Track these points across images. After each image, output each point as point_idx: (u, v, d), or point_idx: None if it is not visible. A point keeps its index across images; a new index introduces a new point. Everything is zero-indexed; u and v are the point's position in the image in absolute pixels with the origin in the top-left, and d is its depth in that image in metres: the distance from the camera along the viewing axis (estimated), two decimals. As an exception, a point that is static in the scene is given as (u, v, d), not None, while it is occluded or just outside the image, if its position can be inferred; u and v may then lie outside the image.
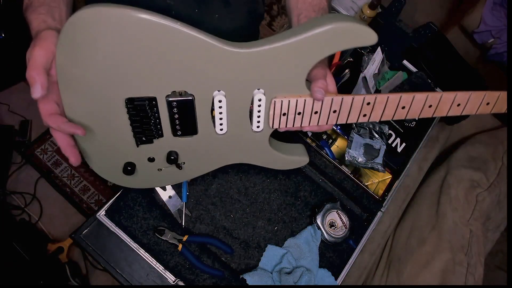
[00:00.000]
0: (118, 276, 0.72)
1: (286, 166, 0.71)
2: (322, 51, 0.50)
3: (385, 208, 0.89)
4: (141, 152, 0.59)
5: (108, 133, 0.55)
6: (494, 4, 1.64)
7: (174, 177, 0.66)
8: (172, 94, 0.52)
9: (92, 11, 0.43)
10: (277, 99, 0.55)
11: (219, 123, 0.57)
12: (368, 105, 0.56)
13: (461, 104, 0.57)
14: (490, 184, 1.12)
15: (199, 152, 0.61)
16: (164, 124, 0.56)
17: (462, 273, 0.96)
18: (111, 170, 0.61)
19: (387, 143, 0.92)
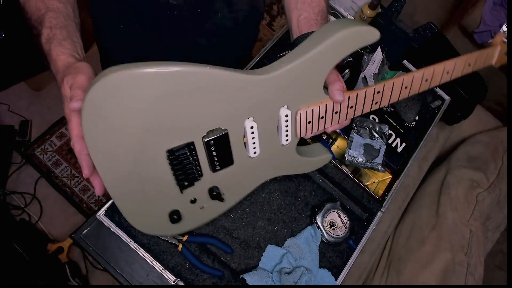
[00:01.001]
0: (118, 276, 0.72)
1: (315, 167, 0.74)
2: (334, 58, 0.54)
3: (385, 208, 0.89)
4: (184, 197, 0.59)
5: (150, 189, 0.54)
6: (494, 4, 1.64)
7: (217, 210, 0.66)
8: (207, 134, 0.53)
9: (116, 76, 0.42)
10: (302, 110, 0.58)
11: (252, 147, 0.59)
12: (378, 93, 0.61)
13: (449, 71, 0.65)
14: (490, 184, 1.12)
15: (237, 180, 0.63)
16: (203, 164, 0.57)
17: (462, 273, 0.96)
18: (157, 224, 0.61)
19: (387, 143, 0.92)
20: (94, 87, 0.42)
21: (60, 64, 0.51)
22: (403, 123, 1.00)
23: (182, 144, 0.52)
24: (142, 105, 0.45)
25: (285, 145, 0.63)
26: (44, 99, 1.84)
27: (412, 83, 0.62)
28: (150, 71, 0.43)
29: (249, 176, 0.64)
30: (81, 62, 0.51)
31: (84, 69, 0.49)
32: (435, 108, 1.05)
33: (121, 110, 0.45)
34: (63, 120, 1.81)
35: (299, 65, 0.53)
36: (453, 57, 0.66)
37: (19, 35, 1.49)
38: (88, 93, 0.43)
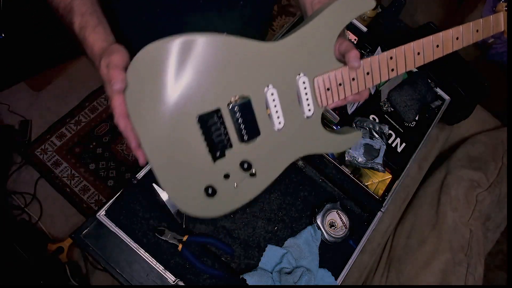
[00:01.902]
0: (118, 276, 0.72)
1: (345, 146, 0.74)
2: (337, 23, 0.59)
3: (385, 208, 0.89)
4: (218, 170, 0.61)
5: (186, 156, 0.58)
6: (494, 4, 1.64)
7: (251, 190, 0.66)
8: (231, 101, 0.58)
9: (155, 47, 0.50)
10: (318, 77, 0.62)
11: (276, 117, 0.62)
12: (391, 59, 0.63)
13: (459, 37, 0.66)
14: (490, 184, 1.12)
15: (267, 154, 0.65)
16: (231, 132, 0.60)
17: (462, 273, 0.96)
18: (194, 199, 0.62)
19: (387, 143, 0.92)
20: (135, 59, 0.50)
21: (97, 50, 0.55)
22: (403, 123, 1.00)
23: (211, 111, 0.56)
24: (172, 73, 0.52)
25: (309, 118, 0.65)
26: (44, 99, 1.84)
27: (424, 49, 0.64)
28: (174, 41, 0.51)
29: (278, 151, 0.65)
30: (114, 44, 0.55)
31: (118, 49, 0.53)
32: (435, 108, 1.05)
33: (157, 79, 0.51)
34: (63, 120, 1.81)
35: (305, 29, 0.58)
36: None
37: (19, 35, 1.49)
38: (130, 65, 0.50)
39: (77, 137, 1.80)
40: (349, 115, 0.95)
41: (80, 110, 1.84)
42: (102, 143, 1.80)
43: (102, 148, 1.79)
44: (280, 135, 0.64)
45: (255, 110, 0.60)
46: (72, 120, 1.82)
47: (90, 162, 1.76)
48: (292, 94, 0.62)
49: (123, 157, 1.79)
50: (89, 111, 1.85)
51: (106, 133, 1.82)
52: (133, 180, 0.78)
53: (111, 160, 1.78)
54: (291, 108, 0.63)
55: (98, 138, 1.81)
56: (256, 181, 0.65)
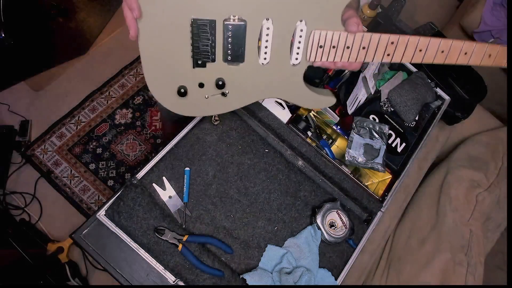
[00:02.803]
0: (118, 276, 0.72)
1: (316, 105, 0.77)
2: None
3: (385, 208, 0.89)
4: (194, 76, 0.66)
5: (171, 50, 0.62)
6: (494, 4, 1.64)
7: (218, 106, 0.71)
8: (229, 19, 0.60)
9: None
10: (316, 31, 0.62)
11: (264, 52, 0.64)
12: (392, 44, 0.63)
13: (467, 52, 0.64)
14: (490, 184, 1.12)
15: (243, 82, 0.68)
16: (218, 48, 0.62)
17: (462, 273, 0.96)
18: (166, 92, 0.68)
19: (387, 143, 0.92)
20: None
21: None
22: (403, 123, 1.00)
23: (207, 19, 0.59)
24: None
25: (294, 66, 0.66)
26: (44, 99, 1.84)
27: (428, 48, 0.63)
28: None
29: (254, 84, 0.68)
30: None
31: None
32: (435, 108, 1.05)
33: None
34: (63, 120, 1.81)
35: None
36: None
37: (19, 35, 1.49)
38: None
39: (77, 137, 1.80)
40: (349, 115, 0.95)
41: (80, 110, 1.84)
42: (102, 143, 1.80)
43: (102, 148, 1.79)
44: (262, 70, 0.66)
45: (247, 37, 0.62)
46: (72, 120, 1.82)
47: (90, 162, 1.76)
48: (286, 37, 0.63)
49: (123, 157, 1.79)
50: (89, 111, 1.85)
51: (106, 133, 1.82)
52: (133, 180, 0.78)
53: (111, 160, 1.78)
54: (281, 50, 0.64)
55: (98, 138, 1.81)
56: (225, 101, 0.70)
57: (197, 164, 0.82)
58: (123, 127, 1.83)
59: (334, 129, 0.93)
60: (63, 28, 1.77)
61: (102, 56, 1.95)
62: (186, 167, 0.81)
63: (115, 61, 1.94)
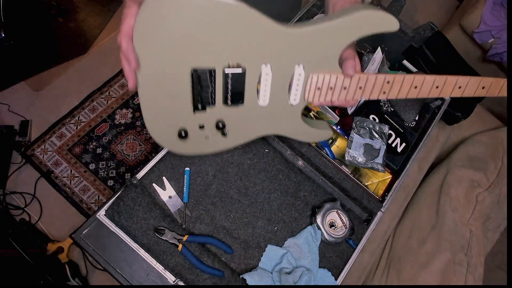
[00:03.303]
0: (118, 276, 0.72)
1: (313, 139, 0.81)
2: (355, 33, 0.60)
3: (385, 208, 0.89)
4: (195, 119, 0.67)
5: (171, 97, 0.63)
6: (494, 4, 1.64)
7: (218, 145, 0.73)
8: (229, 66, 0.61)
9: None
10: (314, 74, 0.64)
11: (263, 95, 0.65)
12: (388, 83, 0.65)
13: (462, 86, 0.66)
14: (490, 184, 1.12)
15: (242, 122, 0.70)
16: (218, 93, 0.64)
17: (462, 273, 0.96)
18: (166, 134, 0.69)
19: (387, 143, 0.92)
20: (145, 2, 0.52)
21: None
22: (403, 123, 1.00)
23: (206, 67, 0.60)
24: (184, 21, 0.54)
25: (292, 106, 0.68)
26: (44, 99, 1.84)
27: (423, 85, 0.65)
28: None
29: (253, 123, 0.71)
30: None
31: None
32: (435, 108, 1.05)
33: (167, 20, 0.54)
34: (63, 120, 1.81)
35: (321, 29, 0.60)
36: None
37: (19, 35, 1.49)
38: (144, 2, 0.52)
39: (77, 137, 1.80)
40: (349, 115, 0.95)
41: (80, 110, 1.84)
42: (102, 143, 1.80)
43: (102, 148, 1.79)
44: (261, 110, 0.68)
45: (247, 81, 0.63)
46: (72, 120, 1.82)
47: (90, 162, 1.77)
48: (285, 79, 0.64)
49: (123, 157, 1.80)
50: (89, 111, 1.85)
51: (106, 133, 1.82)
52: (133, 180, 0.78)
53: (111, 160, 1.78)
54: (279, 92, 0.66)
55: (98, 138, 1.81)
56: (225, 140, 0.72)
57: (197, 164, 0.82)
58: (123, 127, 1.83)
59: (334, 129, 0.93)
60: (63, 28, 1.78)
61: (102, 56, 1.95)
62: (186, 167, 0.81)
63: (115, 61, 1.95)
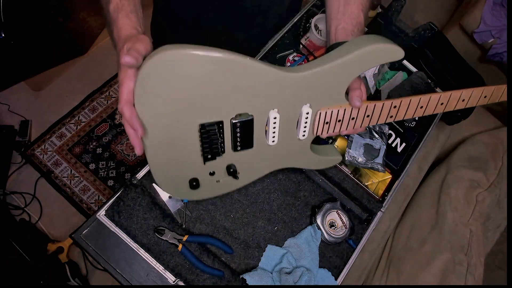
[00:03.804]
0: (118, 276, 0.72)
1: (324, 166, 0.81)
2: (359, 68, 0.60)
3: (385, 208, 0.89)
4: (205, 168, 0.67)
5: (180, 154, 0.62)
6: (494, 4, 1.64)
7: (230, 186, 0.75)
8: (236, 116, 0.60)
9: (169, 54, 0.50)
10: (322, 111, 0.64)
11: (272, 136, 0.66)
12: (395, 108, 0.66)
13: (465, 99, 0.68)
14: (490, 184, 1.12)
15: (253, 162, 0.70)
16: (227, 142, 0.64)
17: (462, 273, 0.96)
18: (178, 187, 0.69)
19: (387, 143, 0.92)
20: (151, 60, 0.49)
21: (124, 34, 0.56)
22: (403, 123, 1.00)
23: (213, 121, 0.59)
24: (187, 81, 0.53)
25: (301, 140, 0.69)
26: (44, 99, 1.84)
27: (428, 104, 0.66)
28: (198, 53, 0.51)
29: (264, 161, 0.71)
30: (142, 35, 0.56)
31: (144, 40, 0.53)
32: (435, 108, 1.05)
33: (169, 82, 0.52)
34: (63, 120, 1.81)
35: (327, 70, 0.59)
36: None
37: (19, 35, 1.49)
38: (144, 63, 0.50)
39: (77, 137, 1.80)
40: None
41: (80, 110, 1.84)
42: (102, 143, 1.80)
43: (102, 148, 1.79)
44: (271, 149, 0.69)
45: (255, 127, 0.63)
46: (72, 120, 1.82)
47: (90, 162, 1.77)
48: (293, 119, 0.65)
49: (123, 157, 1.80)
50: (89, 111, 1.85)
51: (106, 133, 1.82)
52: (133, 180, 0.78)
53: (111, 160, 1.78)
54: (288, 130, 0.67)
55: (98, 138, 1.81)
56: (237, 181, 0.72)
57: (197, 164, 0.82)
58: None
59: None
60: (63, 28, 1.78)
61: (102, 56, 1.95)
62: (186, 167, 0.81)
63: (115, 61, 1.93)
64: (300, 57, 0.94)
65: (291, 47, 0.96)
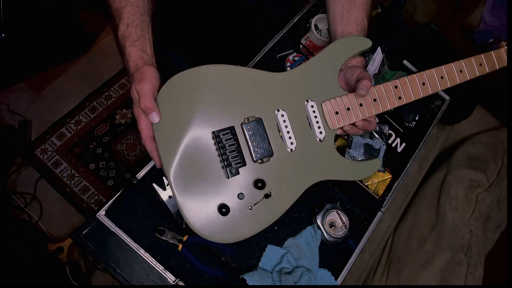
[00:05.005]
0: (118, 276, 0.72)
1: (362, 174, 0.73)
2: (337, 58, 0.68)
3: (385, 208, 0.89)
4: (231, 188, 0.62)
5: (200, 169, 0.61)
6: (494, 4, 1.64)
7: (267, 214, 0.64)
8: (245, 120, 0.64)
9: (184, 76, 0.61)
10: (326, 101, 0.67)
11: (288, 138, 0.66)
12: (396, 88, 0.68)
13: (462, 70, 0.70)
14: (490, 184, 1.12)
15: (281, 175, 0.65)
16: (245, 150, 0.64)
17: (462, 273, 0.96)
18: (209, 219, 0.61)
19: (387, 143, 0.92)
20: (168, 82, 0.60)
21: (131, 65, 0.61)
22: (403, 123, 1.00)
23: (225, 127, 0.62)
24: (198, 95, 0.61)
25: (322, 141, 0.68)
26: (44, 99, 1.84)
27: (428, 80, 0.69)
28: (200, 71, 0.62)
29: (293, 172, 0.66)
30: (146, 67, 0.60)
31: (148, 75, 0.59)
32: (435, 108, 1.05)
33: (182, 105, 0.60)
34: (63, 120, 1.81)
35: (310, 63, 0.68)
36: (454, 58, 0.70)
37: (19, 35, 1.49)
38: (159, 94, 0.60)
39: (77, 137, 1.80)
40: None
41: (80, 110, 1.84)
42: (102, 143, 1.80)
43: (102, 148, 1.79)
44: (294, 156, 0.66)
45: (268, 130, 0.65)
46: (72, 120, 1.82)
47: (90, 162, 1.77)
48: (302, 118, 0.67)
49: (123, 157, 1.80)
50: (89, 111, 1.85)
51: (106, 133, 1.82)
52: (133, 180, 0.78)
53: (111, 160, 1.78)
54: (303, 131, 0.67)
55: (98, 138, 1.81)
56: (271, 204, 0.64)
57: (197, 164, 0.82)
58: (123, 127, 1.84)
59: None
60: (63, 27, 1.78)
61: (102, 56, 1.95)
62: (186, 167, 0.81)
63: (115, 61, 1.95)
64: (300, 57, 0.94)
65: (291, 47, 0.96)
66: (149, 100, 0.57)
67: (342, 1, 0.75)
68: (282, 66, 0.94)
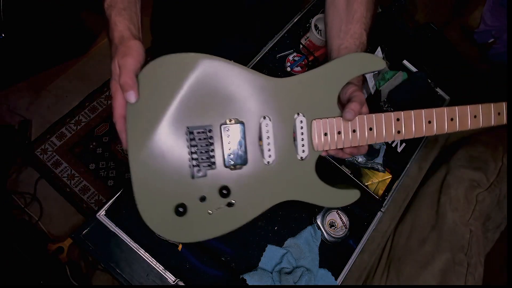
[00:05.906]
0: (118, 276, 0.72)
1: (340, 202, 0.69)
2: (344, 76, 0.61)
3: (385, 208, 0.89)
4: (194, 189, 0.59)
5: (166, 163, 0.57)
6: (494, 4, 1.64)
7: (224, 223, 0.61)
8: (226, 121, 0.59)
9: (172, 58, 0.55)
10: (317, 120, 0.61)
11: (267, 149, 0.60)
12: (398, 121, 0.62)
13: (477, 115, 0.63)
14: (490, 184, 1.12)
15: (250, 187, 0.61)
16: (217, 153, 0.59)
17: (462, 273, 0.96)
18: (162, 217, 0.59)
19: (387, 143, 0.92)
20: (149, 64, 0.55)
21: (116, 35, 0.57)
22: (403, 123, 1.00)
23: (202, 125, 0.58)
24: (177, 84, 0.56)
25: (303, 160, 0.62)
26: (44, 99, 1.84)
27: (436, 119, 0.62)
28: (190, 57, 0.56)
29: (263, 187, 0.61)
30: (133, 41, 0.56)
31: (134, 51, 0.55)
32: (435, 108, 1.05)
33: (163, 90, 0.55)
34: (63, 120, 1.81)
35: (311, 75, 0.60)
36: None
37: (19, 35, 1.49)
38: (141, 75, 0.55)
39: (77, 137, 1.80)
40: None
41: (80, 110, 1.84)
42: (102, 143, 1.80)
43: (102, 148, 1.79)
44: (269, 169, 0.61)
45: (247, 137, 0.59)
46: (72, 120, 1.82)
47: (90, 162, 1.77)
48: (288, 131, 0.61)
49: (123, 157, 1.80)
50: (89, 111, 1.85)
51: (106, 133, 1.82)
52: (133, 180, 0.77)
53: (111, 160, 1.78)
54: (285, 145, 0.61)
55: (98, 138, 1.81)
56: (233, 213, 0.60)
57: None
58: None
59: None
60: (63, 27, 1.78)
61: (102, 56, 1.95)
62: (186, 167, 0.81)
63: (115, 61, 1.94)
64: (300, 57, 0.94)
65: (291, 47, 0.96)
66: (131, 77, 0.53)
67: (340, 15, 0.71)
68: (282, 66, 0.94)
